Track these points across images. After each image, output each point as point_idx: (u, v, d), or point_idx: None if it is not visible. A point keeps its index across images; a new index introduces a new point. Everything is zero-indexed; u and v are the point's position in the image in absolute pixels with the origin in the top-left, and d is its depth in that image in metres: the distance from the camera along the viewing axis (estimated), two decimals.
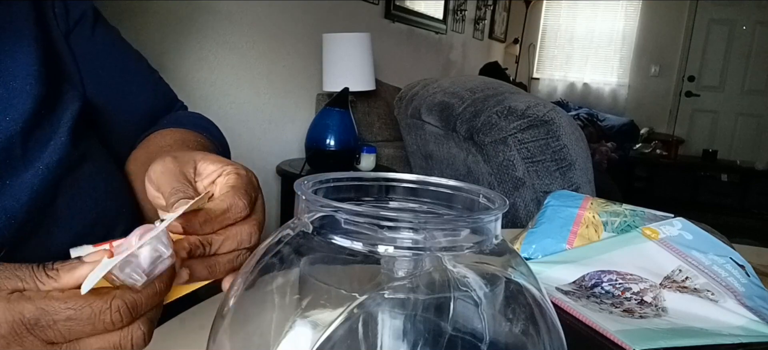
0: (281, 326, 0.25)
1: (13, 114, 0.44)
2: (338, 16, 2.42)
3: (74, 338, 0.26)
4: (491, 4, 4.66)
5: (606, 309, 0.51)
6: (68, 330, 0.26)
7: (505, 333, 0.27)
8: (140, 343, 0.28)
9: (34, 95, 0.45)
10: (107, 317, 0.26)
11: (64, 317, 0.25)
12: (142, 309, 0.27)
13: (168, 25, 1.61)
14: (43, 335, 0.25)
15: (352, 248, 0.25)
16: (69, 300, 0.26)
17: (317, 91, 2.31)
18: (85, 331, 0.26)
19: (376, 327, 0.26)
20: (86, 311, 0.26)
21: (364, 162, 1.91)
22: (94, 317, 0.26)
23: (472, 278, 0.26)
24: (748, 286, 0.53)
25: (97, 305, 0.26)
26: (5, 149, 0.43)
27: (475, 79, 1.73)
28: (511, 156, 1.40)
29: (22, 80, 0.45)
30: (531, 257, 0.62)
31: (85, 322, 0.26)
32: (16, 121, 0.44)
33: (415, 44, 3.34)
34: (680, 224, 0.60)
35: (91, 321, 0.26)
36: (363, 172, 0.33)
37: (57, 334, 0.26)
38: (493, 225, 0.27)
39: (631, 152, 4.44)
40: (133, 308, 0.27)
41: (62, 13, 0.54)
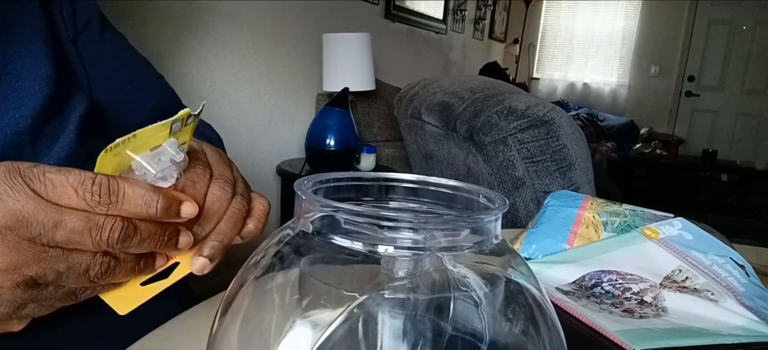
0: (281, 326, 0.25)
1: (23, 111, 0.45)
2: (338, 16, 2.42)
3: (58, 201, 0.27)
4: (491, 4, 4.66)
5: (606, 309, 0.51)
6: (52, 185, 0.27)
7: (505, 333, 0.27)
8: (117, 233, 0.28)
9: (43, 94, 0.46)
10: (89, 185, 0.27)
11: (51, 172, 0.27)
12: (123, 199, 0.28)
13: (168, 25, 1.61)
14: (34, 185, 0.26)
15: (352, 248, 0.25)
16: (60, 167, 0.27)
17: (317, 91, 2.31)
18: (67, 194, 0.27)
19: (376, 327, 0.26)
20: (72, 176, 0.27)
21: (364, 162, 1.91)
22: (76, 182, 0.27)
23: (472, 278, 0.26)
24: (748, 286, 0.53)
25: (82, 174, 0.27)
26: (16, 145, 0.44)
27: (475, 79, 1.73)
28: (511, 156, 1.40)
29: (31, 80, 0.46)
30: (531, 257, 0.62)
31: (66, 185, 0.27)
32: (25, 118, 0.45)
33: (415, 44, 3.34)
34: (680, 224, 0.60)
35: (73, 185, 0.27)
36: (363, 172, 0.33)
37: (42, 189, 0.27)
38: (493, 225, 0.27)
39: (631, 152, 4.44)
40: (114, 189, 0.28)
41: (70, 16, 0.55)
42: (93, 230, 0.27)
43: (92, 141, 0.53)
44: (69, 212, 0.27)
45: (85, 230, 0.27)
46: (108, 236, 0.28)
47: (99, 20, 0.59)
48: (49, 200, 0.27)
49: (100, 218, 0.28)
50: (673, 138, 4.76)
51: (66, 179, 0.27)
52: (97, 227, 0.27)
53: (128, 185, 0.28)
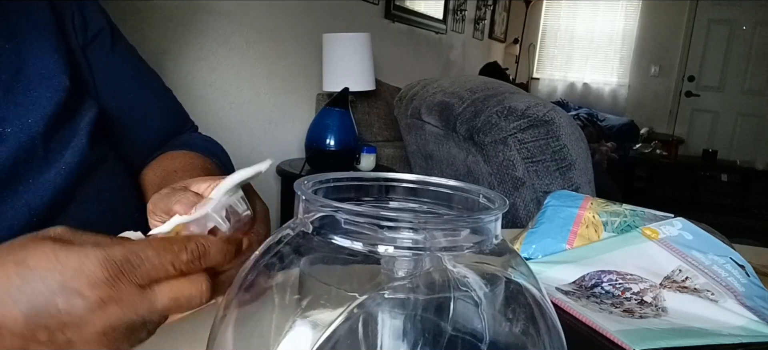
0: (281, 326, 0.25)
1: (35, 117, 0.46)
2: (338, 16, 2.42)
3: (156, 278, 0.29)
4: (491, 4, 4.66)
5: (606, 309, 0.51)
6: (153, 269, 0.28)
7: (505, 333, 0.27)
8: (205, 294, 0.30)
9: (55, 100, 0.48)
10: (183, 257, 0.29)
11: (150, 258, 0.28)
12: (210, 258, 0.31)
13: (168, 25, 1.61)
14: (134, 276, 0.28)
15: (352, 248, 0.25)
16: (152, 242, 0.29)
17: (317, 91, 2.31)
18: (166, 271, 0.29)
19: (376, 327, 0.26)
20: (167, 252, 0.29)
21: (364, 162, 1.91)
22: (173, 255, 0.29)
23: (472, 278, 0.26)
24: (748, 286, 0.53)
25: (175, 246, 0.29)
26: (29, 149, 0.46)
27: (475, 79, 1.73)
28: (511, 156, 1.40)
29: (43, 87, 0.48)
30: (531, 257, 0.62)
31: (166, 263, 0.28)
32: (38, 123, 0.46)
33: (415, 44, 3.34)
34: (680, 224, 0.60)
35: (170, 260, 0.29)
36: (363, 172, 0.33)
37: (143, 275, 0.28)
38: (493, 225, 0.27)
39: (631, 152, 4.43)
40: (203, 253, 0.30)
41: (81, 25, 0.56)
42: (183, 302, 0.30)
43: (101, 148, 0.54)
44: (161, 294, 0.29)
45: (176, 306, 0.30)
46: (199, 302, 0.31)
47: (110, 31, 0.60)
48: (149, 283, 0.29)
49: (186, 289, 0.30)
50: (673, 138, 4.75)
51: (164, 258, 0.29)
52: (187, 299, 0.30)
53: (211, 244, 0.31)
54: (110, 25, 0.61)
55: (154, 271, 0.28)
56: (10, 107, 0.45)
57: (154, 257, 0.28)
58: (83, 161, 0.50)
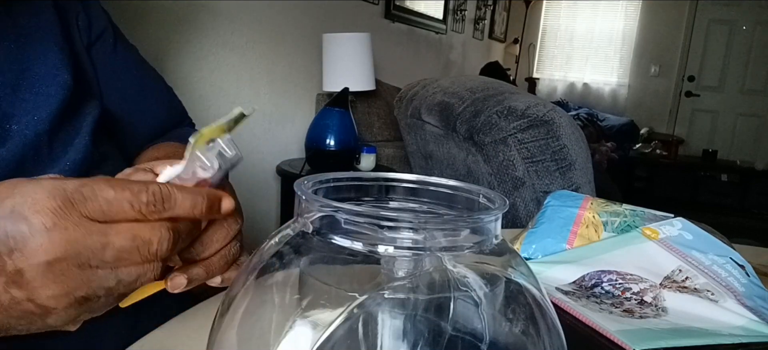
0: (281, 326, 0.25)
1: (41, 115, 0.47)
2: (338, 16, 2.42)
3: (111, 218, 0.27)
4: (491, 4, 4.66)
5: (606, 309, 0.51)
6: (108, 204, 0.27)
7: (505, 333, 0.27)
8: (165, 244, 0.29)
9: (59, 98, 0.48)
10: (143, 197, 0.28)
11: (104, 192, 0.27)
12: (175, 205, 0.29)
13: (168, 25, 1.61)
14: (85, 208, 0.27)
15: (352, 248, 0.25)
16: (111, 180, 0.28)
17: (317, 91, 2.31)
18: (123, 210, 0.27)
19: (376, 327, 0.26)
20: (125, 190, 0.27)
21: (364, 162, 1.91)
22: (132, 195, 0.27)
23: (472, 278, 0.26)
24: (748, 286, 0.53)
25: (136, 185, 0.28)
26: (35, 146, 0.46)
27: (475, 79, 1.73)
28: (511, 156, 1.40)
29: (48, 85, 0.48)
30: (531, 257, 0.62)
31: (123, 200, 0.27)
32: (43, 121, 0.47)
33: (415, 44, 3.34)
34: (680, 224, 0.60)
35: (128, 199, 0.27)
36: (363, 172, 0.33)
37: (96, 209, 0.27)
38: (493, 225, 0.27)
39: (631, 152, 4.43)
40: (167, 197, 0.28)
41: (85, 26, 0.57)
42: (141, 246, 0.28)
43: (104, 146, 0.55)
44: (115, 233, 0.27)
45: (133, 248, 0.28)
46: (157, 248, 0.29)
47: (112, 32, 0.61)
48: (103, 220, 0.27)
49: (145, 233, 0.28)
50: (673, 138, 4.75)
51: (121, 195, 0.27)
52: (145, 243, 0.28)
53: (178, 190, 0.29)
54: (112, 25, 0.62)
55: (108, 207, 0.27)
56: (17, 104, 0.46)
57: (109, 193, 0.27)
58: (86, 158, 0.50)
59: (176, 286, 0.33)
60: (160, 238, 0.28)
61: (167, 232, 0.29)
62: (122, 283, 0.29)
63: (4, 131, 0.44)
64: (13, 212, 0.26)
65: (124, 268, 0.28)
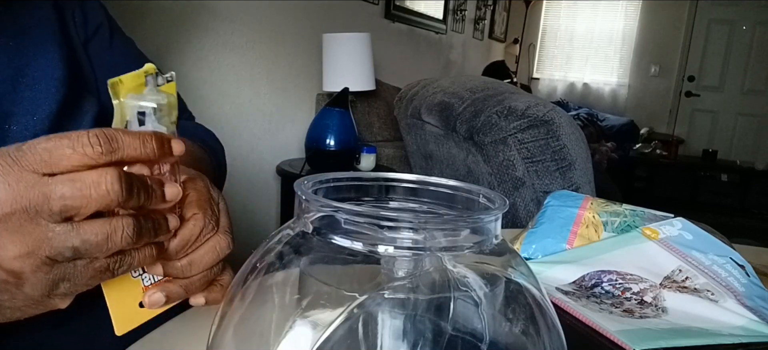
0: (281, 326, 0.25)
1: (40, 114, 0.46)
2: (338, 16, 2.42)
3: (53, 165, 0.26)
4: (491, 4, 4.66)
5: (606, 309, 0.51)
6: (47, 153, 0.26)
7: (505, 333, 0.27)
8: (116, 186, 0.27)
9: (58, 97, 0.48)
10: (84, 139, 0.26)
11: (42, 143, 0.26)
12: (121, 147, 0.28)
13: (168, 25, 1.61)
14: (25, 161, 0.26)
15: (352, 248, 0.25)
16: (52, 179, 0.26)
17: (317, 91, 2.31)
18: (65, 155, 0.26)
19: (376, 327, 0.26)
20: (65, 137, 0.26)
21: (364, 162, 1.91)
22: (72, 140, 0.26)
23: (472, 278, 0.26)
24: (748, 286, 0.53)
25: (75, 133, 0.26)
26: None
27: (475, 79, 1.73)
28: (511, 156, 1.40)
29: (47, 83, 0.48)
30: (531, 257, 0.62)
31: (62, 146, 0.26)
32: (43, 120, 0.46)
33: (415, 44, 3.34)
34: (680, 224, 0.60)
35: (68, 144, 0.26)
36: (363, 172, 0.33)
37: (36, 161, 0.26)
38: (493, 225, 0.27)
39: (631, 152, 4.43)
40: (111, 137, 0.27)
41: (81, 21, 0.56)
42: (85, 190, 0.26)
43: None
44: (57, 181, 0.26)
45: (78, 194, 0.26)
46: (107, 190, 0.27)
47: (108, 26, 0.60)
48: (48, 171, 0.26)
49: (89, 176, 0.27)
50: (673, 138, 4.75)
51: (60, 141, 0.26)
52: (90, 185, 0.26)
53: (123, 131, 0.28)
54: (108, 19, 0.61)
55: (48, 156, 0.26)
56: (17, 102, 0.45)
57: (48, 142, 0.26)
58: None
59: (154, 303, 0.33)
60: (108, 180, 0.27)
61: (115, 173, 0.27)
62: (89, 243, 0.27)
63: (4, 132, 0.44)
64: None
65: (85, 225, 0.27)
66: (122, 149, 0.28)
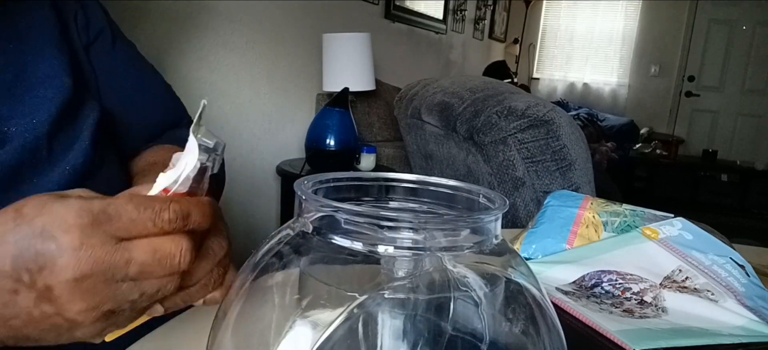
0: (281, 326, 0.25)
1: (40, 117, 0.46)
2: (338, 16, 2.42)
3: (134, 233, 0.28)
4: (491, 4, 4.66)
5: (606, 309, 0.51)
6: (132, 223, 0.28)
7: (505, 333, 0.27)
8: (187, 256, 0.30)
9: (58, 101, 0.48)
10: (165, 215, 0.29)
11: (128, 212, 0.28)
12: (193, 220, 0.30)
13: (168, 25, 1.61)
14: (109, 228, 0.28)
15: (352, 248, 0.25)
16: (133, 198, 0.29)
17: (317, 91, 2.31)
18: (146, 228, 0.28)
19: (376, 327, 0.26)
20: (147, 208, 0.28)
21: (364, 162, 1.91)
22: (154, 215, 0.28)
23: (472, 278, 0.26)
24: (748, 286, 0.53)
25: (157, 204, 0.29)
26: (33, 150, 0.46)
27: (475, 79, 1.73)
28: (511, 156, 1.40)
29: (47, 87, 0.47)
30: (531, 257, 0.62)
31: (145, 219, 0.28)
32: (43, 124, 0.46)
33: (415, 44, 3.34)
34: (680, 224, 0.60)
35: (151, 218, 0.28)
36: (363, 172, 0.33)
37: (121, 228, 0.28)
38: (493, 225, 0.27)
39: (631, 152, 4.43)
40: (186, 214, 0.30)
41: (83, 25, 0.56)
42: (163, 259, 0.29)
43: (103, 149, 0.54)
44: (138, 248, 0.29)
45: (155, 262, 0.29)
46: (179, 260, 0.29)
47: (110, 29, 0.60)
48: (127, 237, 0.28)
49: (167, 246, 0.29)
50: (673, 138, 4.75)
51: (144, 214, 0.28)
52: (166, 256, 0.29)
53: (191, 203, 0.30)
54: (110, 23, 0.61)
55: (132, 226, 0.28)
56: (15, 107, 0.45)
57: (133, 212, 0.28)
58: (86, 162, 0.50)
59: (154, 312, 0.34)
60: (182, 250, 0.29)
61: (188, 243, 0.30)
62: (145, 295, 0.30)
63: (2, 134, 0.44)
64: (43, 232, 0.27)
65: (146, 281, 0.29)
66: (191, 223, 0.30)
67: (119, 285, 0.29)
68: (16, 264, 0.27)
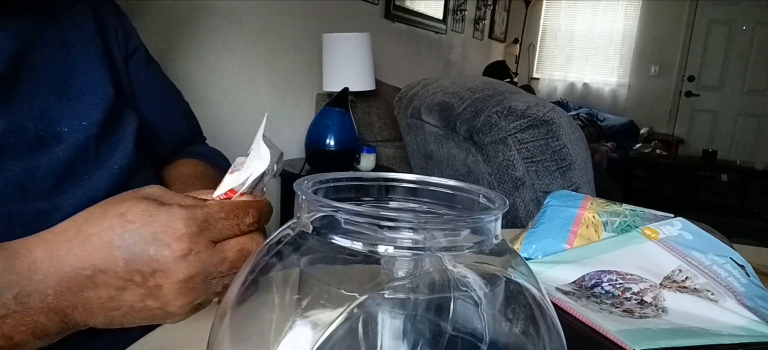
0: (281, 326, 0.25)
1: (88, 120, 0.50)
2: (338, 16, 2.42)
3: (226, 236, 0.34)
4: (491, 4, 4.66)
5: (606, 309, 0.51)
6: (224, 228, 0.33)
7: (505, 333, 0.27)
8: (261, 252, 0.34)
9: (102, 108, 0.51)
10: (247, 219, 0.34)
11: (221, 218, 0.33)
12: (265, 219, 0.36)
13: (168, 25, 1.61)
14: (209, 234, 0.33)
15: (352, 248, 0.25)
16: (224, 205, 0.34)
17: (317, 91, 2.31)
18: (233, 230, 0.34)
19: (376, 327, 0.26)
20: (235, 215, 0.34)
21: (364, 162, 1.91)
22: (239, 219, 0.34)
23: (472, 278, 0.26)
24: (748, 286, 0.53)
25: (240, 210, 0.34)
26: (83, 149, 0.49)
27: (475, 79, 1.73)
28: (511, 156, 1.40)
29: (92, 94, 0.51)
30: (531, 257, 0.62)
31: (233, 223, 0.34)
32: (91, 126, 0.50)
33: (415, 44, 3.34)
34: (680, 224, 0.59)
35: (237, 223, 0.34)
36: (363, 172, 0.33)
37: (216, 233, 0.33)
38: (493, 225, 0.27)
39: (631, 152, 4.43)
40: (259, 217, 0.35)
41: (123, 40, 0.61)
42: (246, 255, 0.34)
43: (142, 154, 0.58)
44: (229, 249, 0.34)
45: (241, 259, 0.34)
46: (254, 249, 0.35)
47: (144, 49, 0.66)
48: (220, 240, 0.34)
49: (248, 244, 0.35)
50: (673, 138, 4.75)
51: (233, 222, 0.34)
52: (249, 252, 0.35)
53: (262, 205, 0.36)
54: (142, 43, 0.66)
55: (225, 230, 0.33)
56: (64, 110, 0.49)
57: (226, 219, 0.33)
58: (131, 165, 0.53)
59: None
60: (258, 245, 0.35)
61: (262, 238, 0.36)
62: (226, 287, 0.34)
63: (57, 133, 0.48)
64: (155, 239, 0.32)
65: (231, 275, 0.34)
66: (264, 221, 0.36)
67: (214, 281, 0.34)
68: (129, 266, 0.31)
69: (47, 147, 0.46)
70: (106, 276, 0.31)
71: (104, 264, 0.31)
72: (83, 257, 0.31)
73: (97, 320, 0.33)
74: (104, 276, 0.31)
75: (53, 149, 0.46)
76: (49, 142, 0.46)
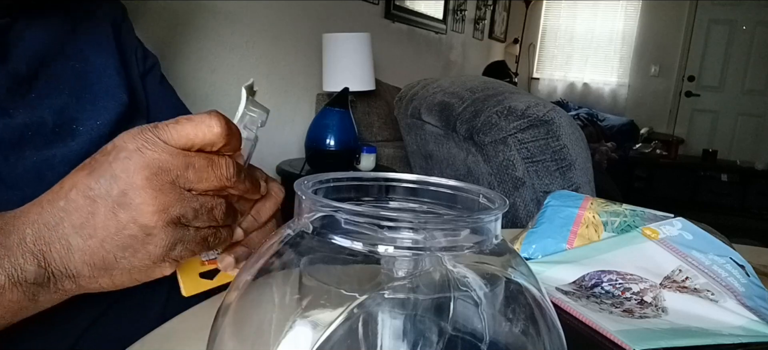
0: (281, 326, 0.25)
1: (102, 120, 0.53)
2: (338, 16, 2.42)
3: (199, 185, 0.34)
4: (491, 4, 4.66)
5: (606, 309, 0.51)
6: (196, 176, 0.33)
7: (505, 333, 0.27)
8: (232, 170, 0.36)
9: (117, 111, 0.55)
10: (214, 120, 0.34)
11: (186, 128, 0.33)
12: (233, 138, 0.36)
13: (168, 25, 1.61)
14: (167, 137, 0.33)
15: (352, 248, 0.25)
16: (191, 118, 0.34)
17: (317, 91, 2.31)
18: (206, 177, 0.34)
19: (376, 327, 0.26)
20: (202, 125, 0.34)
21: (364, 162, 1.91)
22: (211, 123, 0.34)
23: (472, 278, 0.26)
24: (748, 286, 0.53)
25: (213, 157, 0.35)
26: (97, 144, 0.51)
27: (475, 79, 1.73)
28: (511, 156, 1.40)
29: (108, 99, 0.55)
30: (531, 257, 0.62)
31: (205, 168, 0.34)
32: (105, 126, 0.53)
33: (415, 44, 3.34)
34: (680, 224, 0.59)
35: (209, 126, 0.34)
36: (363, 172, 0.33)
37: (181, 138, 0.33)
38: (493, 225, 0.27)
39: (631, 152, 4.44)
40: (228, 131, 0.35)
41: (142, 57, 0.65)
42: (215, 167, 0.34)
43: None
44: (195, 155, 0.34)
45: (209, 168, 0.34)
46: (225, 172, 0.35)
47: (159, 69, 0.69)
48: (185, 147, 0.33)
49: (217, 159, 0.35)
50: (673, 138, 4.75)
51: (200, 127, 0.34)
52: (218, 165, 0.35)
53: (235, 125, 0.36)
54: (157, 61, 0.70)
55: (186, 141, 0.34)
56: (80, 111, 0.52)
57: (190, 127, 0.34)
58: None
59: (227, 266, 0.40)
60: (228, 164, 0.35)
61: (232, 161, 0.35)
62: (204, 208, 0.34)
63: (73, 131, 0.51)
64: (114, 147, 0.33)
65: (202, 196, 0.34)
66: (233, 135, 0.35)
67: (182, 192, 0.33)
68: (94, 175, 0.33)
69: (63, 141, 0.49)
70: (76, 193, 0.33)
71: (71, 185, 0.33)
72: (56, 191, 0.34)
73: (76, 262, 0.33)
74: (75, 194, 0.33)
75: (69, 143, 0.50)
76: (65, 137, 0.50)
